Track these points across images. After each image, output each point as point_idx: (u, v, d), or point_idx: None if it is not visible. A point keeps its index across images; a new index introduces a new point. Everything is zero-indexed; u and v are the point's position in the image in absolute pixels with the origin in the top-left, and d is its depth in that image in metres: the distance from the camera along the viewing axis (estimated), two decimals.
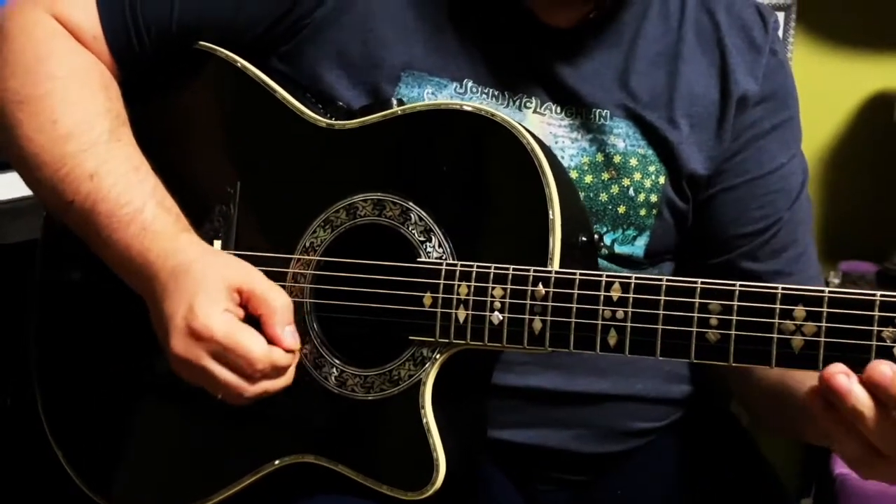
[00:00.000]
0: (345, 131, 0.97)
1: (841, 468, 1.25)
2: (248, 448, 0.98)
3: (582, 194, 1.01)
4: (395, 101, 0.97)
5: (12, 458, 1.40)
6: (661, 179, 1.02)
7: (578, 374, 1.04)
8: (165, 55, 1.03)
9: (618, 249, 1.03)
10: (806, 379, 0.92)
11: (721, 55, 1.03)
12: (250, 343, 0.88)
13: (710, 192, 1.05)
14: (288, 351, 0.90)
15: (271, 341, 0.89)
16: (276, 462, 0.95)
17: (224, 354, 0.88)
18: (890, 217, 1.84)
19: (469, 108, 0.91)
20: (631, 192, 1.02)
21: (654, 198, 1.02)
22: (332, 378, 0.94)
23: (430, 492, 0.88)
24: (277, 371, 0.90)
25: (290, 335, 0.90)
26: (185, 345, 0.88)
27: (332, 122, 0.98)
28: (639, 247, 1.04)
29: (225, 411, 0.97)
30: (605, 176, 1.02)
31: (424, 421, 0.89)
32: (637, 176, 1.02)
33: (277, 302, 0.90)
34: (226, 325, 0.88)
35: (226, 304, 0.89)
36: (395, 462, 0.91)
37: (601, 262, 1.02)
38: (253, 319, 0.91)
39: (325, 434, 0.94)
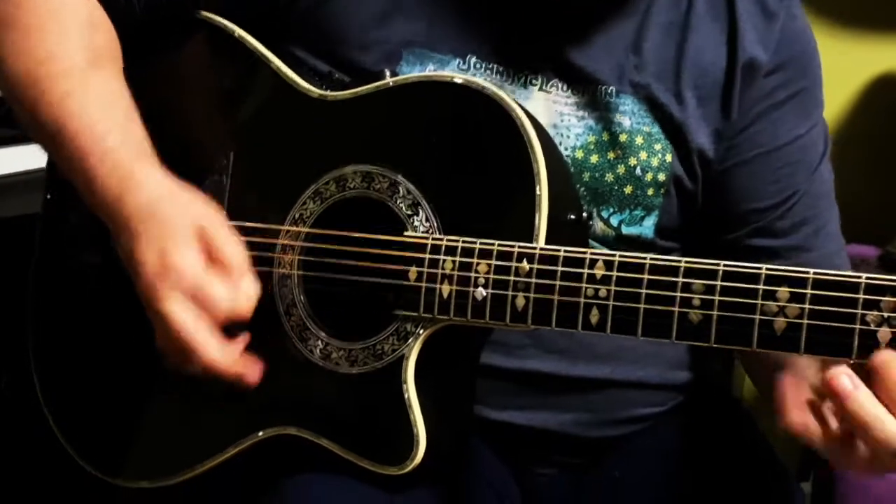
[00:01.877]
0: (337, 102, 0.96)
1: None
2: (233, 419, 0.97)
3: (587, 175, 1.00)
4: (387, 73, 0.95)
5: (10, 435, 1.42)
6: (668, 157, 1.00)
7: (580, 359, 1.02)
8: (162, 20, 1.03)
9: (626, 231, 1.01)
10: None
11: (731, 22, 1.00)
12: (219, 287, 0.87)
13: (723, 166, 1.02)
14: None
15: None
16: (260, 433, 0.95)
17: (193, 295, 0.87)
18: (892, 201, 1.83)
19: (460, 81, 0.90)
20: (638, 171, 1.00)
21: (661, 177, 1.00)
22: (317, 351, 0.93)
23: (410, 467, 0.88)
24: (238, 317, 0.89)
25: (248, 283, 0.89)
26: (153, 286, 0.87)
27: (325, 93, 0.97)
28: (647, 227, 1.02)
29: (212, 382, 0.96)
30: (611, 155, 1.00)
31: (406, 396, 0.89)
32: (643, 155, 1.00)
33: (235, 253, 0.89)
34: (196, 266, 0.87)
35: (195, 248, 0.88)
36: (376, 436, 0.91)
37: (609, 244, 1.00)
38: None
39: (309, 407, 0.94)
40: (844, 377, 0.73)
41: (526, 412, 1.04)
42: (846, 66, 1.72)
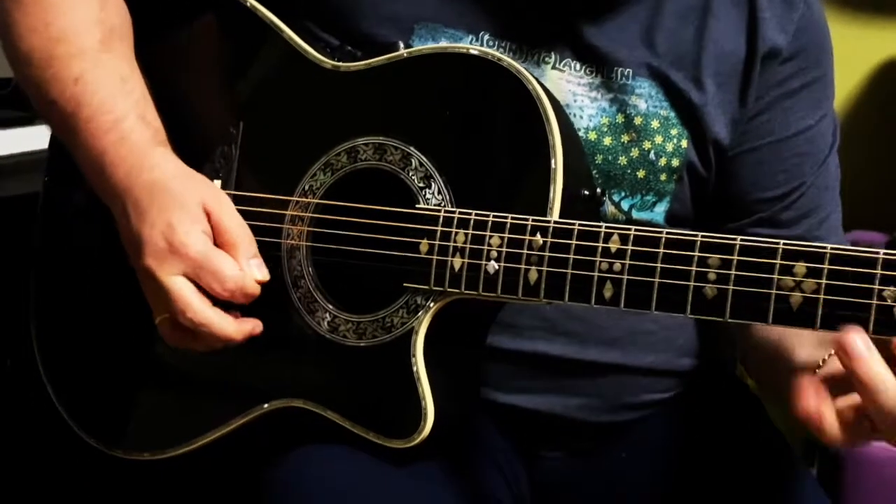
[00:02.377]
0: (350, 73, 0.95)
1: None
2: (240, 391, 0.97)
3: (600, 157, 0.99)
4: (401, 45, 0.95)
5: (13, 417, 1.41)
6: (684, 143, 0.99)
7: (589, 343, 1.02)
8: None
9: (636, 215, 1.01)
10: (796, 346, 0.92)
11: (751, 8, 0.99)
12: (224, 262, 0.88)
13: (733, 152, 1.01)
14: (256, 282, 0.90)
15: None
16: (266, 405, 0.95)
17: (197, 272, 0.87)
18: None
19: (475, 52, 0.89)
20: (651, 155, 0.99)
21: (675, 162, 0.99)
22: (325, 323, 0.93)
23: (417, 440, 0.87)
24: (244, 297, 0.89)
25: (256, 267, 0.90)
26: (157, 259, 0.88)
27: (338, 64, 0.96)
28: (658, 213, 1.01)
29: (218, 354, 0.96)
30: (625, 138, 0.99)
31: (415, 369, 0.88)
32: (658, 139, 0.99)
33: (241, 234, 0.90)
34: (203, 242, 0.88)
35: (204, 226, 0.89)
36: (383, 409, 0.90)
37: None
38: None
39: (315, 379, 0.93)
40: (858, 338, 0.71)
41: (534, 395, 1.03)
42: (854, 51, 1.72)
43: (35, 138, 1.50)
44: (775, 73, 1.00)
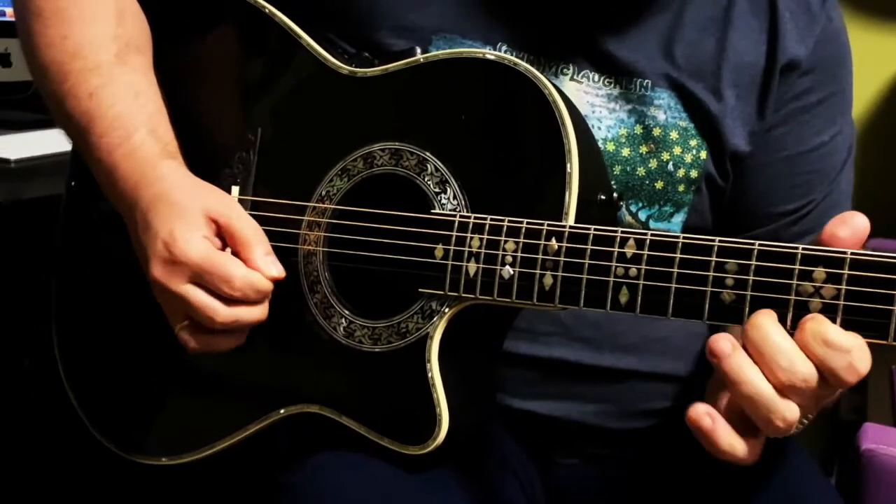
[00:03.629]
0: (366, 79, 0.95)
1: (868, 444, 1.21)
2: (256, 396, 0.97)
3: (618, 168, 0.98)
4: (418, 50, 0.94)
5: (32, 418, 1.42)
6: (703, 154, 0.98)
7: (605, 349, 1.01)
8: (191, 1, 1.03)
9: (653, 226, 1.00)
10: None
11: (772, 19, 0.98)
12: (228, 264, 0.88)
13: (745, 165, 1.00)
14: (269, 279, 0.89)
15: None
16: (282, 411, 0.94)
17: (202, 277, 0.87)
18: None
19: (492, 57, 0.89)
20: (670, 166, 0.98)
21: (694, 173, 0.98)
22: (341, 328, 0.92)
23: (432, 446, 0.87)
24: (257, 294, 0.89)
25: (271, 263, 0.90)
26: (164, 270, 0.88)
27: (355, 69, 0.96)
28: (675, 224, 1.00)
29: (234, 359, 0.96)
30: (644, 149, 0.98)
31: (430, 375, 0.87)
32: (677, 150, 0.98)
33: (252, 232, 0.90)
34: (204, 248, 0.88)
35: (204, 231, 0.89)
36: (398, 415, 0.90)
37: None
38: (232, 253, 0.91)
39: (331, 385, 0.93)
40: (722, 337, 0.74)
41: (549, 402, 1.02)
42: (872, 60, 1.70)
43: (54, 141, 1.51)
44: (794, 85, 0.99)
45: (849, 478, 1.21)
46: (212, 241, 0.89)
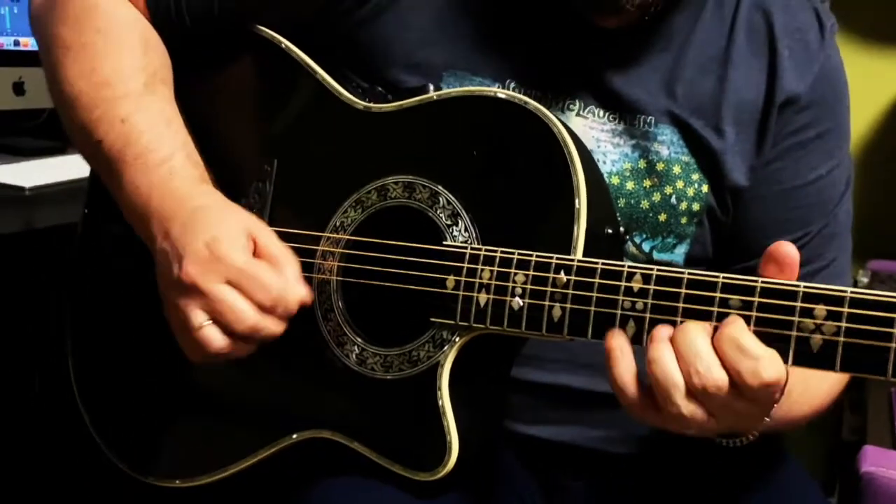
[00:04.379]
0: (381, 114, 0.98)
1: (867, 466, 1.23)
2: (269, 421, 0.99)
3: (623, 201, 1.01)
4: (431, 87, 0.97)
5: (41, 438, 1.43)
6: (705, 188, 1.01)
7: None
8: (212, 32, 1.06)
9: (657, 256, 1.03)
10: None
11: (771, 57, 1.01)
12: (270, 272, 0.89)
13: (743, 197, 1.02)
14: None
15: None
16: (294, 436, 0.97)
17: (240, 280, 0.88)
18: None
19: (503, 96, 0.91)
20: (673, 200, 1.01)
21: (696, 206, 1.01)
22: (353, 356, 0.95)
23: (442, 473, 0.89)
24: (285, 312, 0.90)
25: (301, 286, 0.91)
26: (200, 269, 0.88)
27: (369, 104, 0.99)
28: (678, 255, 1.03)
29: (248, 384, 0.99)
30: (647, 183, 1.01)
31: (440, 403, 0.90)
32: (680, 184, 1.01)
33: (287, 257, 0.91)
34: (247, 255, 0.89)
35: (245, 244, 0.90)
36: (408, 442, 0.92)
37: None
38: None
39: (343, 411, 0.95)
40: (619, 336, 0.81)
41: (555, 427, 1.04)
42: (872, 82, 1.73)
43: (67, 168, 1.54)
44: (792, 121, 1.01)
45: (850, 500, 1.23)
46: (252, 255, 0.91)
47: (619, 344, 0.81)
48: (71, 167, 1.55)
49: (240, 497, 1.05)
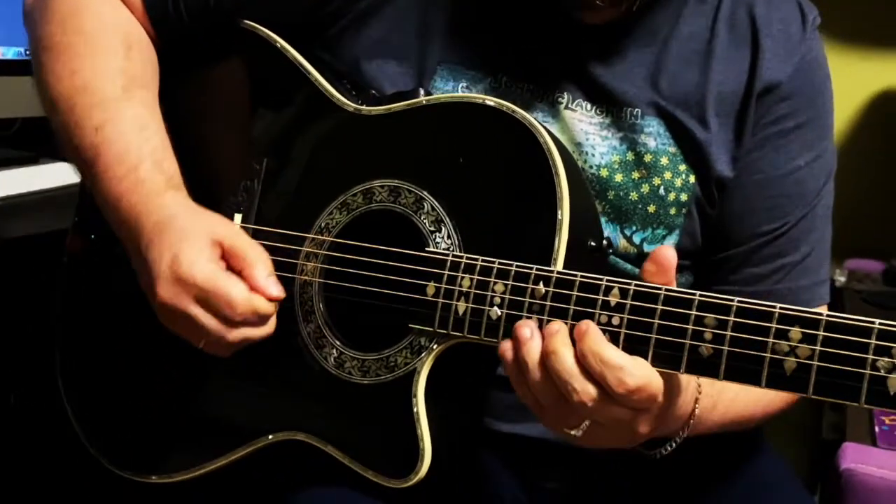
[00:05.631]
0: (370, 117, 0.98)
1: (847, 463, 1.23)
2: (246, 421, 0.99)
3: (612, 193, 1.01)
4: (421, 92, 0.97)
5: (15, 453, 1.42)
6: (692, 179, 1.01)
7: None
8: (208, 28, 1.06)
9: (647, 248, 1.02)
10: None
11: (754, 49, 1.01)
12: (232, 287, 0.90)
13: (724, 187, 1.02)
14: (271, 300, 0.91)
15: (255, 291, 0.91)
16: (270, 437, 0.96)
17: (206, 299, 0.89)
18: None
19: (491, 103, 0.91)
20: (661, 191, 1.01)
21: (684, 197, 1.01)
22: (332, 359, 0.94)
23: (414, 480, 0.88)
24: (259, 317, 0.90)
25: (272, 284, 0.91)
26: (170, 292, 0.90)
27: (360, 107, 0.99)
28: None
29: (227, 384, 0.99)
30: (636, 175, 1.01)
31: (415, 410, 0.89)
32: (668, 175, 1.00)
33: (256, 255, 0.92)
34: (209, 271, 0.90)
35: (209, 254, 0.91)
36: (382, 448, 0.91)
37: (631, 261, 1.01)
38: (235, 274, 0.92)
39: (318, 414, 0.95)
40: (526, 328, 0.81)
41: (538, 424, 1.03)
42: (850, 81, 1.73)
43: (38, 178, 1.51)
44: (771, 111, 1.01)
45: (831, 496, 1.23)
46: (217, 264, 0.91)
47: (526, 325, 0.82)
48: (43, 177, 1.54)
49: (218, 495, 1.05)
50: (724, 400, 0.93)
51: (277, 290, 0.92)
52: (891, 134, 1.79)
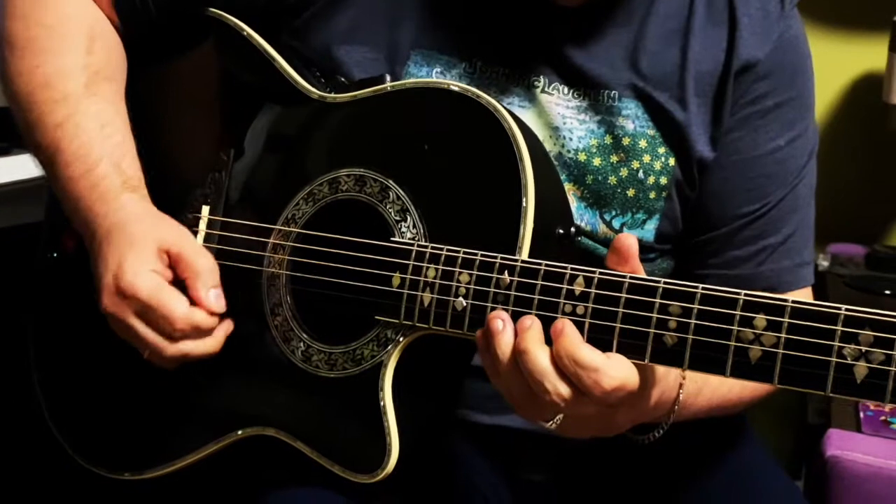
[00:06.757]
0: (335, 105, 0.96)
1: (833, 450, 1.22)
2: (216, 417, 0.98)
3: (590, 177, 0.99)
4: (388, 78, 0.95)
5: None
6: (671, 161, 0.99)
7: None
8: (175, 19, 1.04)
9: (627, 232, 0.99)
10: None
11: (731, 27, 0.99)
12: (171, 302, 0.89)
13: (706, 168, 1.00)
14: (212, 314, 0.90)
15: (195, 303, 0.90)
16: (239, 432, 0.95)
17: (146, 313, 0.89)
18: (879, 199, 1.80)
19: (456, 89, 0.89)
20: (640, 174, 0.98)
21: (663, 180, 0.99)
22: (299, 352, 0.93)
23: (381, 476, 0.86)
24: (198, 332, 0.90)
25: (213, 297, 0.90)
26: (112, 302, 0.90)
27: (326, 94, 0.97)
28: (648, 231, 1.00)
29: (196, 380, 0.97)
30: (614, 158, 0.99)
31: (382, 404, 0.87)
32: (646, 158, 0.98)
33: (202, 265, 0.91)
34: (151, 284, 0.89)
35: (153, 265, 0.90)
36: (349, 443, 0.90)
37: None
38: (181, 282, 0.91)
39: (287, 409, 0.93)
40: (498, 319, 0.80)
41: (511, 414, 1.00)
42: (831, 65, 1.69)
43: (10, 170, 1.48)
44: (750, 90, 0.99)
45: (815, 482, 1.22)
46: (161, 274, 0.91)
47: (499, 316, 0.80)
48: (14, 169, 1.51)
49: (191, 490, 1.04)
50: (710, 384, 0.91)
51: (218, 305, 0.91)
52: (873, 117, 1.76)
